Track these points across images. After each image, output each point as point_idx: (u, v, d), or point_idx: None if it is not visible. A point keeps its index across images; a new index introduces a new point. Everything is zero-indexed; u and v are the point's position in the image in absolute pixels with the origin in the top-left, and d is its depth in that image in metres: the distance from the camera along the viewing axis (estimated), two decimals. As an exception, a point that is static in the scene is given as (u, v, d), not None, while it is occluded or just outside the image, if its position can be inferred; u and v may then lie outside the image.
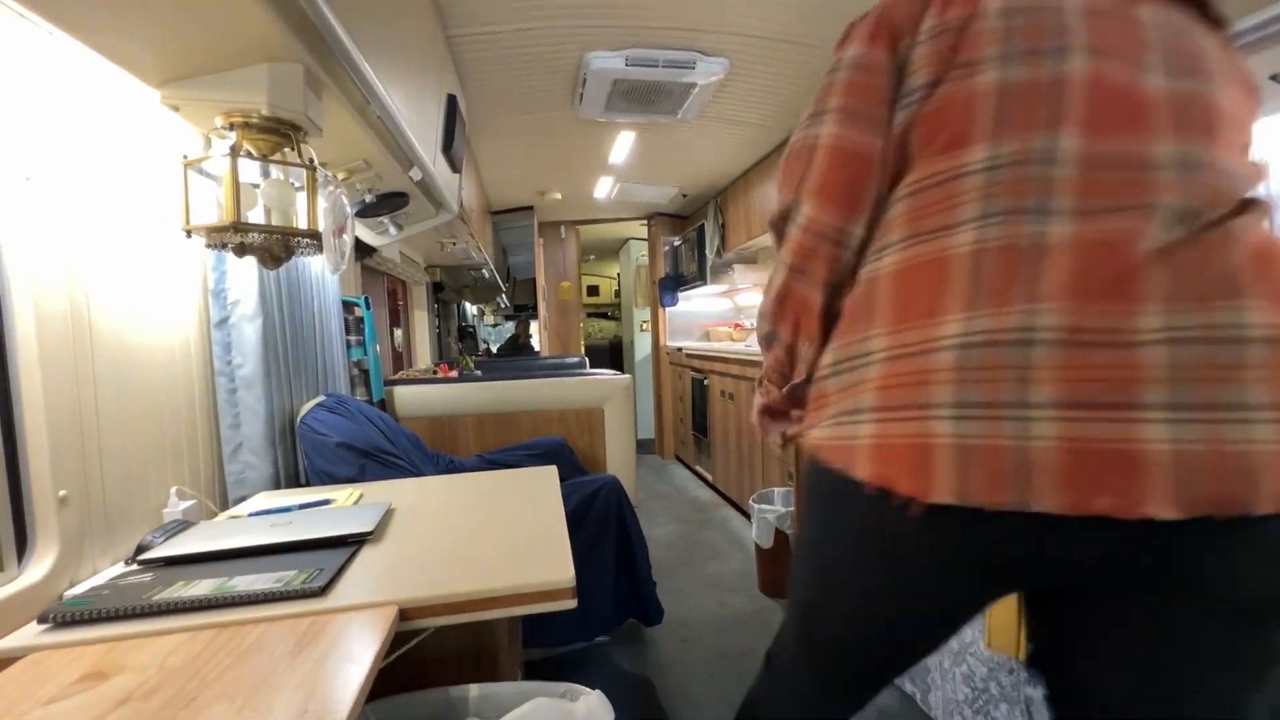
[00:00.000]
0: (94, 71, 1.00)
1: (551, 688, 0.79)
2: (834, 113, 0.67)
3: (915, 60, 0.63)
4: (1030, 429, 0.50)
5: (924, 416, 0.54)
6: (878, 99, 0.65)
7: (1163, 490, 0.47)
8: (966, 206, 0.57)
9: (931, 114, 0.62)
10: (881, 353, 0.60)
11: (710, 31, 2.09)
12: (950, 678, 1.23)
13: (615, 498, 1.81)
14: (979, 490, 0.51)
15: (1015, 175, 0.56)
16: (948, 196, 0.59)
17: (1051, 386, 0.50)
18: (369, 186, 1.75)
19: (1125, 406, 0.48)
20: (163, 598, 0.77)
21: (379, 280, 3.22)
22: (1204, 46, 0.60)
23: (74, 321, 0.97)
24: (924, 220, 0.60)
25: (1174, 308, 0.49)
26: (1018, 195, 0.55)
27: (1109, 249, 0.52)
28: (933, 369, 0.55)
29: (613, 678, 1.87)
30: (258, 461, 1.41)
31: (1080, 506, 0.48)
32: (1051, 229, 0.53)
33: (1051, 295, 0.52)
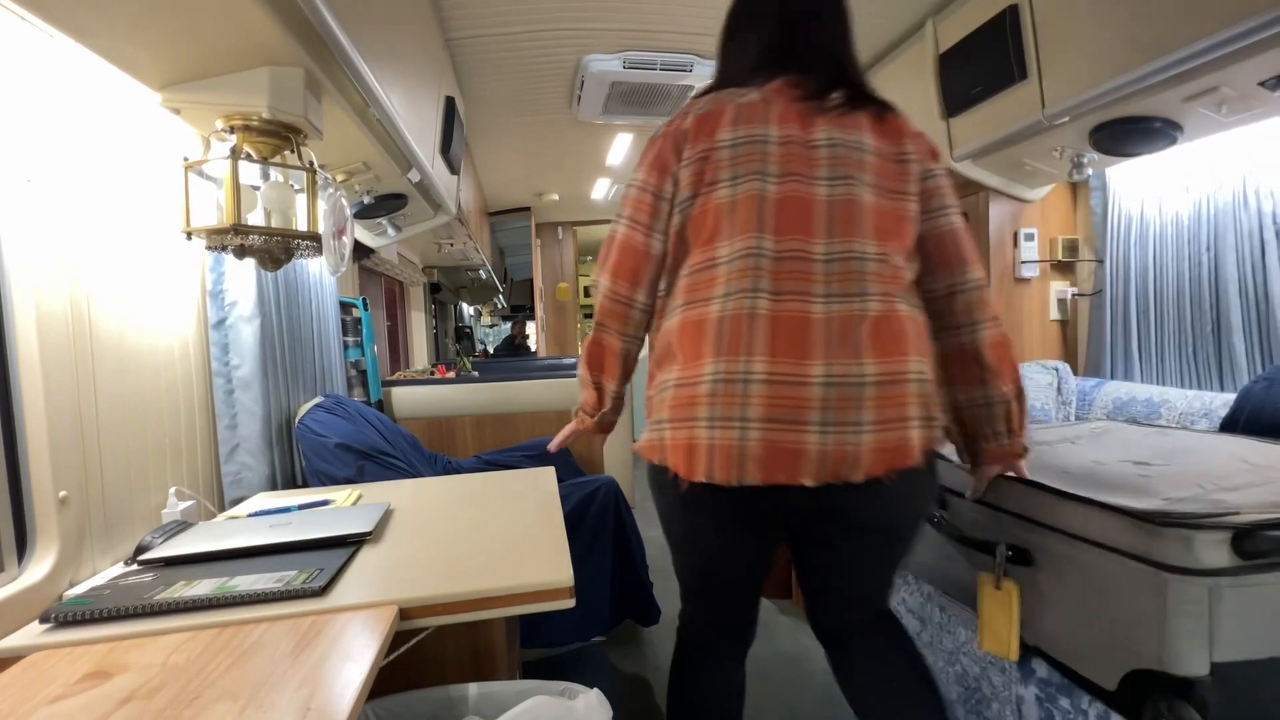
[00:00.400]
0: (95, 74, 1.01)
1: (550, 686, 0.80)
2: (625, 219, 0.96)
3: (681, 179, 0.92)
4: (746, 435, 0.82)
5: (692, 425, 0.85)
6: (650, 214, 0.94)
7: (809, 470, 0.82)
8: (717, 285, 0.88)
9: (696, 217, 0.91)
10: (674, 383, 0.89)
11: (708, 35, 2.10)
12: (943, 678, 1.25)
13: (613, 499, 1.81)
14: (719, 473, 0.83)
15: (741, 265, 0.87)
16: (708, 277, 0.89)
17: (758, 409, 0.82)
18: (367, 188, 1.75)
19: (797, 423, 0.82)
20: (164, 597, 0.78)
21: (377, 281, 3.22)
22: (864, 154, 0.90)
23: (74, 322, 0.98)
24: (696, 292, 0.90)
25: (827, 361, 0.83)
26: (742, 279, 0.86)
27: (789, 321, 0.84)
28: (697, 395, 0.85)
29: (610, 677, 1.88)
30: (255, 462, 1.41)
31: (769, 479, 0.82)
32: (760, 304, 0.85)
33: (759, 351, 0.84)
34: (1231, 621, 0.78)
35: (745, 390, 0.83)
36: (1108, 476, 1.03)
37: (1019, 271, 2.01)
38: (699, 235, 0.91)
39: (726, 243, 0.89)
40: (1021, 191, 1.99)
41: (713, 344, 0.86)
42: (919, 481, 0.88)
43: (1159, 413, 1.57)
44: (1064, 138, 1.62)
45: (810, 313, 0.85)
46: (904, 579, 1.39)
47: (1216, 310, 1.58)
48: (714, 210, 0.90)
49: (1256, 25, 1.07)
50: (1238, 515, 0.81)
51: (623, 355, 1.00)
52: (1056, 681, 0.99)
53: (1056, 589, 0.97)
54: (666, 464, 0.89)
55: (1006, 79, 1.61)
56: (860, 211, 0.88)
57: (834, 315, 0.85)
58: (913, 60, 1.99)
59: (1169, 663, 0.80)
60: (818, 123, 0.91)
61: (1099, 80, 1.38)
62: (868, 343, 0.85)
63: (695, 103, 0.97)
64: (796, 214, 0.88)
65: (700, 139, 0.91)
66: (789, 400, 0.83)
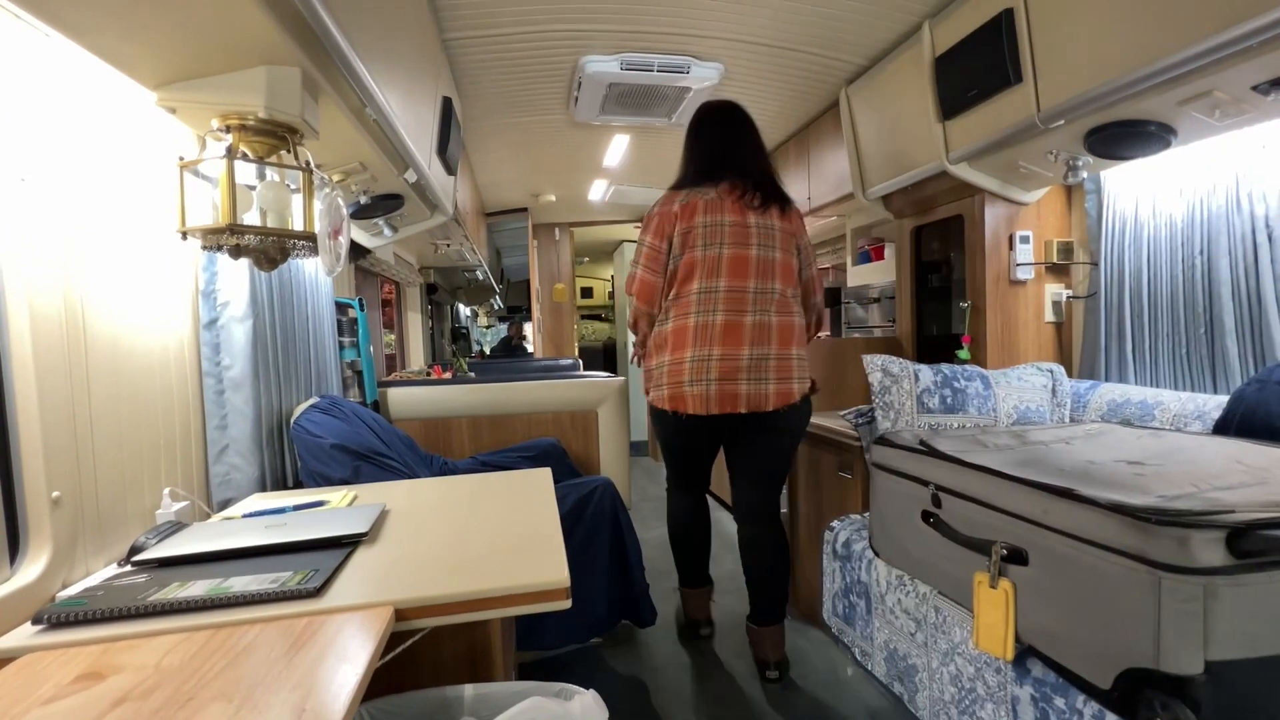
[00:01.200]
0: (89, 72, 1.00)
1: (546, 687, 0.80)
2: (643, 266, 1.73)
3: (674, 244, 1.68)
4: (709, 388, 1.63)
5: (680, 385, 1.66)
6: (659, 262, 1.71)
7: (742, 404, 1.64)
8: (692, 307, 1.67)
9: (681, 266, 1.68)
10: (668, 363, 1.70)
11: (704, 36, 2.10)
12: (938, 678, 1.25)
13: (609, 500, 1.81)
14: (696, 409, 1.65)
15: (707, 296, 1.66)
16: (687, 302, 1.68)
17: (715, 374, 1.63)
18: (364, 188, 1.75)
19: (735, 380, 1.63)
20: (158, 598, 0.77)
21: (373, 281, 3.21)
22: (774, 232, 1.70)
23: (68, 322, 0.97)
24: (679, 309, 1.69)
25: (750, 348, 1.64)
26: (707, 304, 1.66)
27: (731, 326, 1.64)
28: (682, 369, 1.67)
29: (606, 679, 1.88)
30: (244, 464, 1.40)
31: (722, 410, 1.64)
32: (717, 319, 1.65)
33: (715, 344, 1.64)
34: (1226, 620, 0.78)
35: (708, 365, 1.66)
36: (1102, 475, 1.04)
37: (1014, 274, 2.01)
38: (682, 277, 1.70)
39: (698, 282, 1.68)
40: (1017, 194, 2.00)
41: (691, 340, 1.68)
42: (798, 409, 1.73)
43: (1153, 415, 1.58)
44: (1059, 141, 1.62)
45: (743, 323, 1.67)
46: (901, 579, 1.39)
47: (1210, 313, 1.59)
48: (691, 263, 1.68)
49: (1249, 31, 1.08)
50: (1233, 514, 0.81)
51: (649, 335, 1.83)
52: (1051, 681, 0.99)
53: (1051, 588, 0.98)
54: (666, 408, 1.72)
55: (1002, 82, 1.62)
56: (773, 265, 1.70)
57: (755, 323, 1.67)
58: (909, 63, 2.00)
59: (1163, 661, 0.80)
60: (749, 214, 1.70)
61: (1093, 84, 1.39)
62: (772, 338, 1.68)
63: (677, 194, 1.73)
64: (738, 268, 1.67)
65: (684, 220, 1.69)
66: (731, 369, 1.65)
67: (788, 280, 1.71)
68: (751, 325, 1.64)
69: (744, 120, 1.83)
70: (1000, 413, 1.70)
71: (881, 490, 1.46)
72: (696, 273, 1.66)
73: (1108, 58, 1.35)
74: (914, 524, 1.31)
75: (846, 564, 1.63)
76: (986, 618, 1.08)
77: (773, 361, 1.65)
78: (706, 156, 1.78)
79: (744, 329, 1.64)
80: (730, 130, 1.80)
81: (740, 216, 1.68)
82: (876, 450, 1.49)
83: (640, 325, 1.83)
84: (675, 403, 1.68)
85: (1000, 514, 1.09)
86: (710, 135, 1.80)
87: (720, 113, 1.83)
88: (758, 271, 1.66)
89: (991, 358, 2.02)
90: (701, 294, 1.66)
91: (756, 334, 1.64)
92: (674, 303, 1.69)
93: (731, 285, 1.65)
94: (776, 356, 1.65)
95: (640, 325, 1.83)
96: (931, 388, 1.70)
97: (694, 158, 1.81)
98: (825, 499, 2.07)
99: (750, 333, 1.64)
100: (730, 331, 1.63)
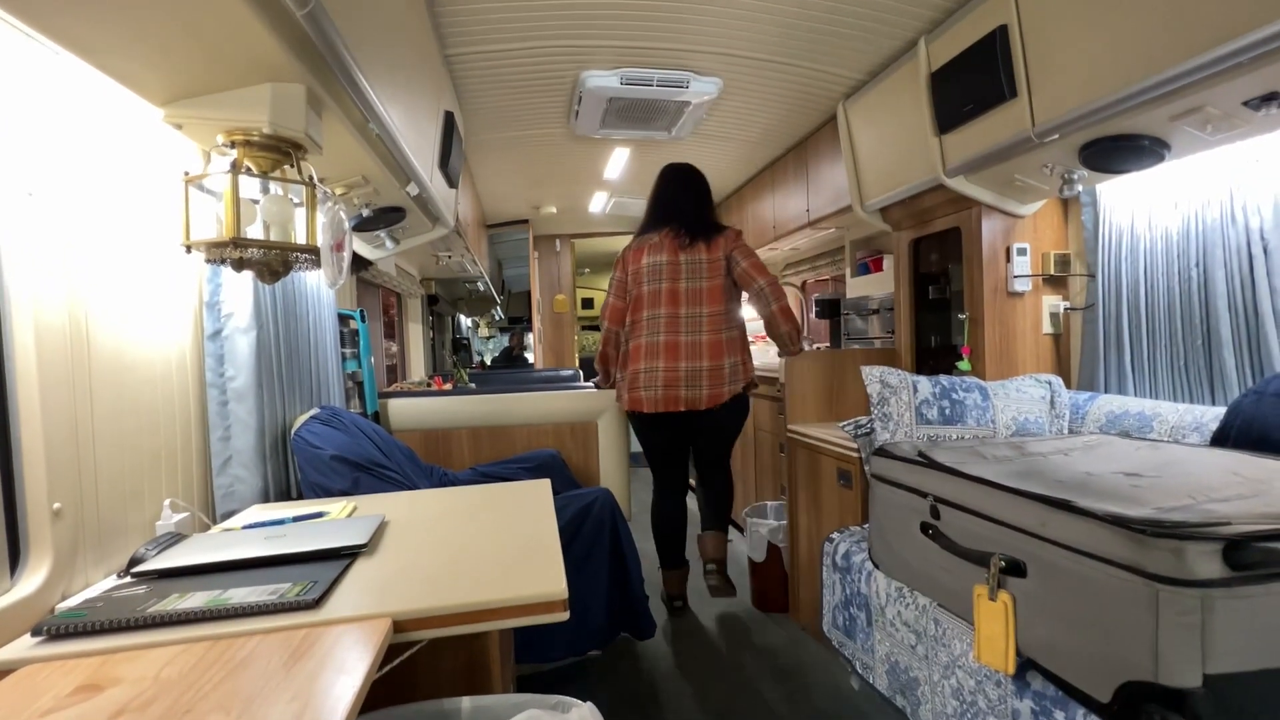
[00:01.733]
0: (95, 88, 1.02)
1: (543, 699, 0.80)
2: (613, 294, 2.34)
3: (630, 279, 2.28)
4: (656, 393, 2.14)
5: (638, 390, 2.18)
6: (623, 291, 2.30)
7: (680, 405, 2.14)
8: (644, 331, 2.22)
9: (635, 299, 2.26)
10: (629, 373, 2.24)
11: (703, 52, 2.13)
12: (940, 691, 1.24)
13: (609, 511, 1.81)
14: (648, 408, 2.16)
15: (652, 322, 2.19)
16: (640, 328, 2.23)
17: (661, 381, 2.14)
18: (366, 201, 1.77)
19: (675, 387, 2.13)
20: (157, 610, 0.78)
21: (374, 293, 3.23)
22: (700, 264, 2.17)
23: (72, 335, 0.98)
24: (635, 333, 2.25)
25: (686, 362, 2.14)
26: (653, 328, 2.19)
27: (670, 345, 2.16)
28: (638, 378, 2.19)
29: (605, 692, 1.87)
30: (248, 475, 1.40)
31: (668, 409, 2.15)
32: (660, 339, 2.17)
33: (660, 358, 2.16)
34: (1224, 633, 0.78)
35: (655, 375, 2.14)
36: (1100, 487, 1.04)
37: (1012, 286, 2.02)
38: (635, 307, 2.23)
39: (646, 311, 2.20)
40: (1013, 207, 2.01)
41: (644, 356, 2.18)
42: (729, 405, 2.17)
43: (1151, 426, 1.58)
44: (1054, 154, 1.64)
45: (679, 342, 2.15)
46: (900, 591, 1.39)
47: (1206, 325, 1.59)
48: (640, 296, 2.22)
49: (1239, 48, 1.10)
50: (1229, 526, 0.82)
51: (614, 357, 2.35)
52: (1051, 694, 0.99)
53: (1050, 600, 0.98)
54: (628, 409, 2.24)
55: (996, 97, 1.64)
56: (700, 294, 2.15)
57: (689, 343, 2.14)
58: (905, 78, 2.02)
59: (1162, 675, 0.80)
60: (680, 253, 2.17)
61: (1087, 99, 1.41)
62: (703, 354, 2.13)
63: (636, 239, 2.27)
64: (671, 299, 2.16)
65: (635, 261, 2.24)
66: (672, 379, 2.13)
67: (715, 303, 2.16)
68: (686, 344, 2.15)
69: (694, 178, 2.33)
70: (999, 424, 1.71)
71: (880, 502, 1.46)
72: (644, 303, 2.20)
73: (1100, 73, 1.37)
74: (913, 536, 1.31)
75: (846, 576, 1.62)
76: (987, 630, 1.08)
77: (705, 373, 2.14)
78: (659, 209, 2.30)
79: (680, 347, 2.14)
80: (679, 187, 2.30)
81: (674, 256, 2.18)
82: (875, 462, 1.49)
83: (605, 347, 2.35)
84: (634, 404, 2.20)
85: (999, 526, 1.09)
86: (663, 192, 2.33)
87: (675, 173, 2.35)
88: (687, 300, 2.16)
89: (990, 369, 2.02)
90: (649, 320, 2.19)
91: (690, 351, 2.14)
92: (632, 328, 2.23)
93: (669, 312, 2.16)
94: (708, 369, 2.13)
95: (605, 347, 2.35)
96: (930, 399, 1.71)
97: (650, 210, 2.34)
98: (825, 511, 2.06)
99: (685, 350, 2.14)
100: (670, 349, 2.15)
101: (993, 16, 1.63)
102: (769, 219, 3.45)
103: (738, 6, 1.85)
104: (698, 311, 2.15)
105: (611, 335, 2.31)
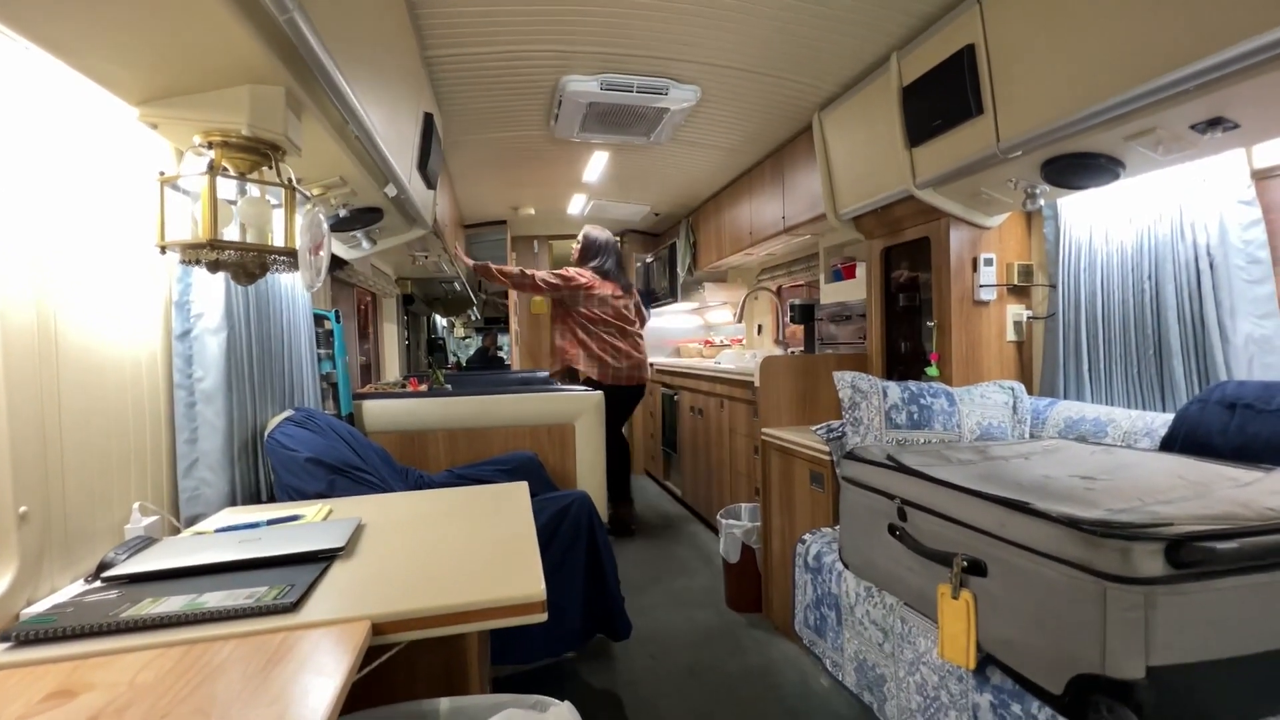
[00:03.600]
0: (66, 84, 1.00)
1: (521, 699, 0.81)
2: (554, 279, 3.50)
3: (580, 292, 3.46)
4: (620, 371, 3.44)
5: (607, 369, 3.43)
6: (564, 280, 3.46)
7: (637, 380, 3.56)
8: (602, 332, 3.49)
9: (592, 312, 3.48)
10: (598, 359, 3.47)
11: (683, 60, 2.16)
12: (904, 687, 1.29)
13: (586, 514, 1.82)
14: (615, 383, 3.40)
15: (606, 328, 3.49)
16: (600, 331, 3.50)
17: (626, 363, 3.47)
18: (344, 202, 1.75)
19: (637, 368, 3.54)
20: (131, 615, 0.77)
21: (349, 292, 3.19)
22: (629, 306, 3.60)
23: (40, 334, 0.96)
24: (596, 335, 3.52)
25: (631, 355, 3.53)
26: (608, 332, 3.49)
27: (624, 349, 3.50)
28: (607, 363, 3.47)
29: (581, 693, 1.88)
30: (214, 478, 1.37)
31: (632, 383, 3.53)
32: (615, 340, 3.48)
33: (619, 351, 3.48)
34: (1165, 627, 0.83)
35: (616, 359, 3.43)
36: (1057, 490, 1.09)
37: (978, 294, 2.10)
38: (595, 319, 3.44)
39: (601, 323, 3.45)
40: (980, 218, 2.08)
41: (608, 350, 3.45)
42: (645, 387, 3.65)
43: (1106, 431, 1.66)
44: (1018, 170, 1.71)
45: (624, 343, 3.48)
46: (870, 590, 1.43)
47: (1158, 335, 1.68)
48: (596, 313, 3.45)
49: (1186, 75, 1.17)
50: (1171, 526, 0.87)
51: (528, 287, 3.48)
52: (1009, 688, 1.03)
53: (1008, 598, 1.02)
54: (598, 379, 3.35)
55: (964, 113, 1.70)
56: (628, 318, 3.53)
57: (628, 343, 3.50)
58: (878, 92, 2.08)
59: (1109, 667, 0.85)
60: (621, 296, 3.51)
61: (1048, 118, 1.47)
62: (637, 351, 3.54)
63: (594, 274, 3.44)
64: (619, 316, 3.48)
65: (589, 290, 3.40)
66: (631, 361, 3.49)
67: (635, 324, 3.58)
68: (626, 345, 3.46)
69: (618, 249, 3.62)
70: (964, 429, 1.77)
71: (850, 504, 1.51)
72: (598, 318, 3.40)
73: (1061, 94, 1.43)
74: (881, 537, 1.36)
75: (818, 576, 1.66)
76: (949, 628, 1.12)
77: (638, 361, 3.50)
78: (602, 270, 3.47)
79: (631, 347, 3.48)
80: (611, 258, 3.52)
81: (614, 298, 3.46)
82: (846, 465, 1.54)
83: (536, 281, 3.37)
84: (602, 378, 3.34)
85: (962, 527, 1.13)
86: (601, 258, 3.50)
87: (607, 245, 3.54)
88: (621, 320, 3.47)
89: (957, 375, 2.09)
90: (602, 327, 3.41)
91: (630, 347, 3.47)
92: (594, 330, 3.40)
93: (616, 326, 3.45)
94: (639, 362, 3.51)
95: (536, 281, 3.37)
96: (899, 404, 1.76)
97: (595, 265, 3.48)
98: (798, 512, 2.11)
99: (625, 347, 3.45)
100: (619, 346, 3.43)
101: (961, 35, 1.69)
102: (746, 224, 3.50)
103: (718, 17, 1.88)
104: (628, 329, 3.51)
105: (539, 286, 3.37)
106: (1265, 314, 1.49)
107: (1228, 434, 1.36)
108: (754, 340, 4.39)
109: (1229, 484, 1.06)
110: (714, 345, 4.87)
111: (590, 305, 3.38)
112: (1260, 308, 1.50)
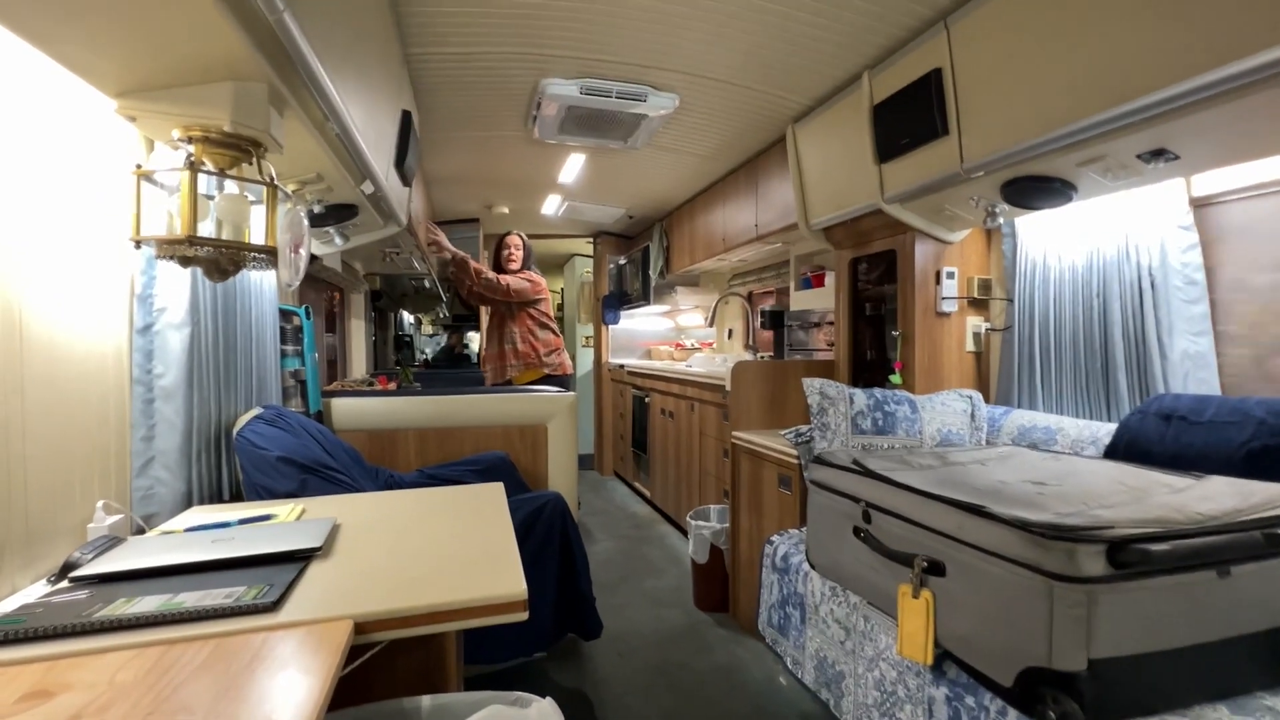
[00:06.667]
0: (38, 73, 0.98)
1: (503, 696, 0.83)
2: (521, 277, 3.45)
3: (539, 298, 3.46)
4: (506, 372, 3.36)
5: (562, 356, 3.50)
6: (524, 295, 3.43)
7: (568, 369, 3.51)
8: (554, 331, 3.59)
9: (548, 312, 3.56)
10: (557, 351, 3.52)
11: (662, 68, 2.20)
12: (863, 683, 1.34)
13: (560, 515, 1.84)
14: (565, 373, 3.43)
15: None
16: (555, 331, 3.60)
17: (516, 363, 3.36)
18: (319, 198, 1.73)
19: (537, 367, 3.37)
20: (106, 615, 0.76)
21: (318, 288, 3.13)
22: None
23: (5, 326, 0.94)
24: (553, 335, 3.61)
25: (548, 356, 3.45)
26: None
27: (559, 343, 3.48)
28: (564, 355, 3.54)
29: (550, 692, 1.89)
30: (170, 478, 1.33)
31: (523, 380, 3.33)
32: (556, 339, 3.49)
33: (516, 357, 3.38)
34: (1104, 623, 0.90)
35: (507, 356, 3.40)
36: (1011, 495, 1.16)
37: (940, 306, 2.19)
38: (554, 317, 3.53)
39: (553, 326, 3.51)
40: (943, 233, 2.18)
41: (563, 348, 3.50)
42: None
43: (1055, 439, 1.76)
44: (979, 189, 1.80)
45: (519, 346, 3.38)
46: (834, 590, 1.48)
47: (1105, 349, 1.79)
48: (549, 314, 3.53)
49: (1132, 110, 1.26)
50: (1112, 529, 0.94)
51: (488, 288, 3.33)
52: (964, 682, 1.10)
53: (965, 597, 1.09)
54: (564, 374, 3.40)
55: (930, 133, 1.78)
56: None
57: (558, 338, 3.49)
58: (850, 108, 2.15)
59: (1055, 660, 0.91)
60: None
61: (1008, 142, 1.56)
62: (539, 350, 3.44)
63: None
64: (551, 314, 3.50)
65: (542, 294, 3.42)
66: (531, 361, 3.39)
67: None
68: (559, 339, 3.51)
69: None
70: (925, 435, 1.85)
71: (817, 506, 1.56)
72: (547, 314, 3.44)
73: (1020, 121, 1.52)
74: (847, 538, 1.41)
75: (784, 576, 1.72)
76: (909, 625, 1.18)
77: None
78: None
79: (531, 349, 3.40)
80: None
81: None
82: (813, 469, 1.59)
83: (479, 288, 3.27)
84: (564, 369, 3.42)
85: (922, 529, 1.19)
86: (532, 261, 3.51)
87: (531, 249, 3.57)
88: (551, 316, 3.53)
89: (919, 383, 2.18)
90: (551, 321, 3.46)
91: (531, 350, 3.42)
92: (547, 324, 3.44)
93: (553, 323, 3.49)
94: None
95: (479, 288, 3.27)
96: (865, 410, 1.83)
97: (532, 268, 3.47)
98: (766, 514, 2.16)
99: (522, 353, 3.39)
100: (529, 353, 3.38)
101: (929, 59, 1.77)
102: (719, 231, 3.55)
103: (698, 29, 1.93)
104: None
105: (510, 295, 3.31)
106: (1199, 332, 1.61)
107: (1164, 443, 1.46)
108: (725, 344, 4.46)
109: (1164, 490, 1.15)
110: (685, 348, 4.93)
111: (539, 305, 3.44)
112: (1195, 326, 1.61)
